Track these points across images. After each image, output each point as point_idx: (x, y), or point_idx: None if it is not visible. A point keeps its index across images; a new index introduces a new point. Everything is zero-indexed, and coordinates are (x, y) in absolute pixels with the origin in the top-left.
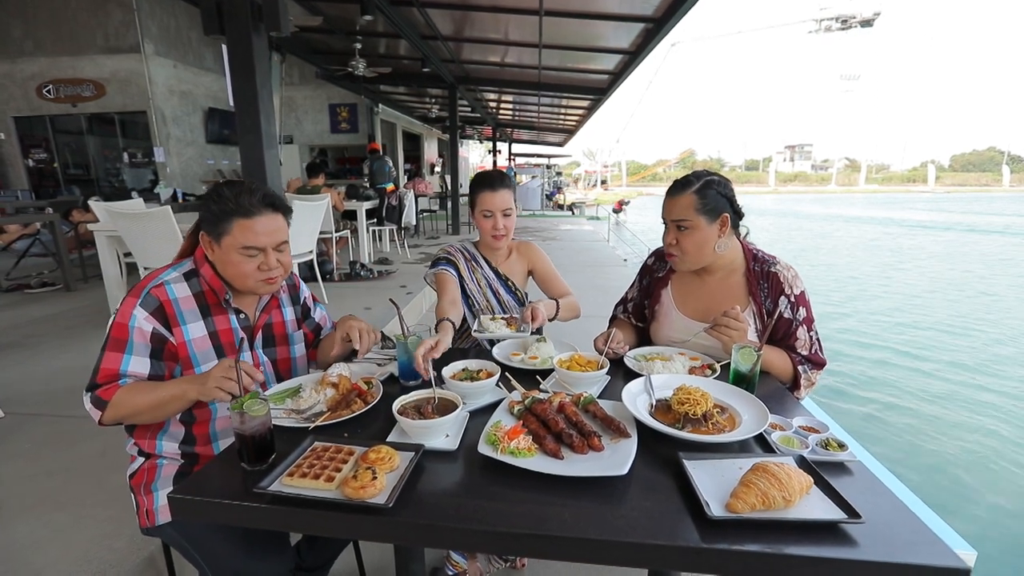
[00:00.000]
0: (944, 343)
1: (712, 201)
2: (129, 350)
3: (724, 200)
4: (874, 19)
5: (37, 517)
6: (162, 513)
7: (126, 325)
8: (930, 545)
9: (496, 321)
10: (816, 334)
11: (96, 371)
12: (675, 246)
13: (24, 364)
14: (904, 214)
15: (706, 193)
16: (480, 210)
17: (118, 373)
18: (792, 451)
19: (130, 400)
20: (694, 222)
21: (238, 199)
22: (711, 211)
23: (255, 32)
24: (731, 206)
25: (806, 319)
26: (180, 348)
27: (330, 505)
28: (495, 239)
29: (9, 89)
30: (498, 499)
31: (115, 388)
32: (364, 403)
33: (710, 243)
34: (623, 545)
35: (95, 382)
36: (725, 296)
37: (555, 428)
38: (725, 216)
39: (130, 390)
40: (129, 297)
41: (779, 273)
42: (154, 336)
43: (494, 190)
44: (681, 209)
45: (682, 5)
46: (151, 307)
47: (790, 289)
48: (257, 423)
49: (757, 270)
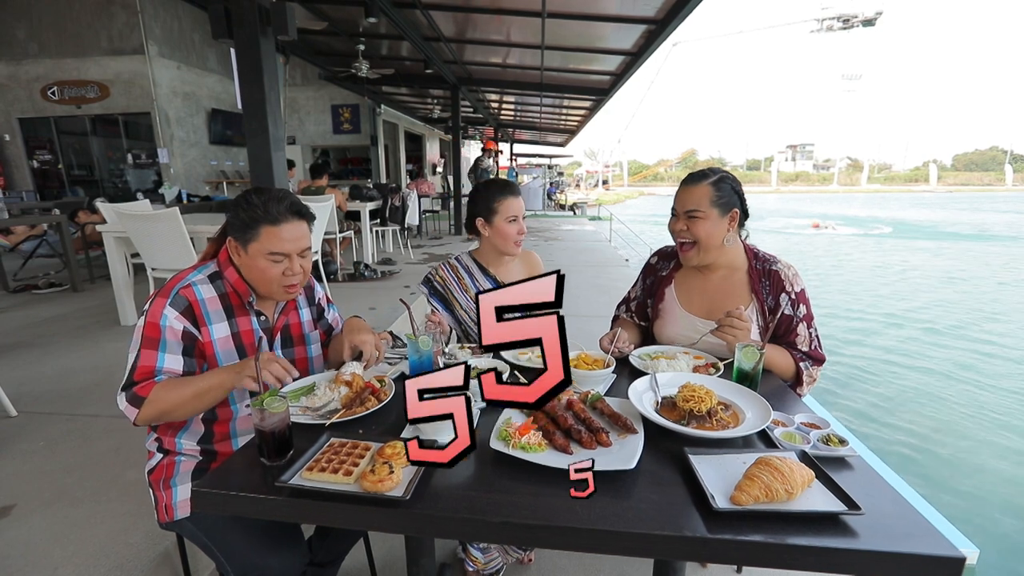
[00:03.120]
0: (949, 344)
1: (726, 195)
2: (163, 348)
3: (736, 196)
4: (876, 18)
5: (54, 513)
6: (181, 508)
7: (158, 324)
8: (927, 536)
9: (464, 350)
10: (816, 331)
11: (132, 370)
12: (686, 232)
13: (35, 364)
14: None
15: (721, 187)
16: (506, 216)
17: (154, 370)
18: (794, 446)
19: (167, 395)
20: (707, 212)
21: (266, 206)
22: (724, 204)
23: (263, 36)
24: (741, 203)
25: (806, 316)
26: (207, 347)
27: (349, 498)
28: (517, 244)
29: (14, 91)
30: (511, 492)
31: (151, 385)
32: (377, 400)
33: (719, 235)
34: (632, 536)
35: (132, 380)
36: (728, 293)
37: (564, 424)
38: (735, 211)
39: (167, 386)
40: (158, 298)
41: (780, 271)
42: (185, 334)
43: (516, 196)
44: (696, 199)
45: (684, 6)
46: (180, 307)
47: (791, 286)
48: (276, 419)
49: (759, 268)
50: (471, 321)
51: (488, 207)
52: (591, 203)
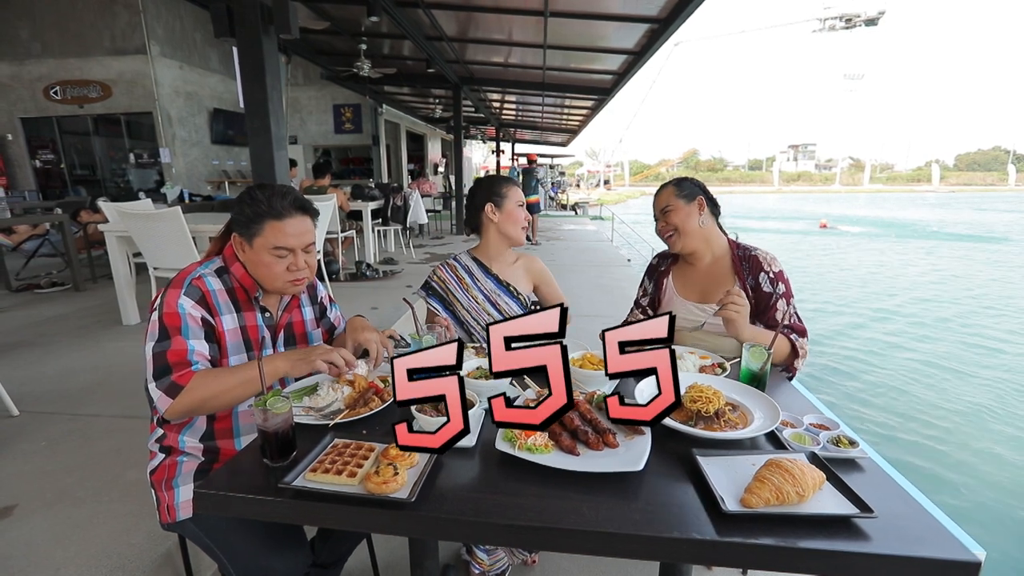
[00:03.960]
0: (959, 348)
1: (687, 189)
2: (187, 334)
3: (697, 188)
4: (878, 18)
5: (56, 513)
6: (183, 509)
7: (176, 312)
8: (941, 539)
9: (468, 350)
10: (794, 308)
11: (164, 360)
12: (667, 227)
13: (36, 363)
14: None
15: (682, 184)
16: (516, 201)
17: (187, 352)
18: (804, 448)
19: (208, 383)
20: (675, 205)
21: (271, 202)
22: (687, 195)
23: (265, 35)
24: (704, 193)
25: (785, 293)
26: (222, 336)
27: (353, 500)
28: (525, 231)
29: (17, 91)
30: (517, 494)
31: (190, 374)
32: (381, 401)
33: (692, 218)
34: (640, 538)
35: (166, 367)
36: (716, 278)
37: (570, 425)
38: (700, 198)
39: (206, 374)
40: (171, 290)
41: (758, 255)
42: (204, 321)
43: (518, 186)
44: (664, 198)
45: (687, 6)
46: (195, 296)
47: (768, 267)
48: (280, 420)
49: (740, 255)
50: (473, 320)
51: (498, 193)
52: (592, 203)
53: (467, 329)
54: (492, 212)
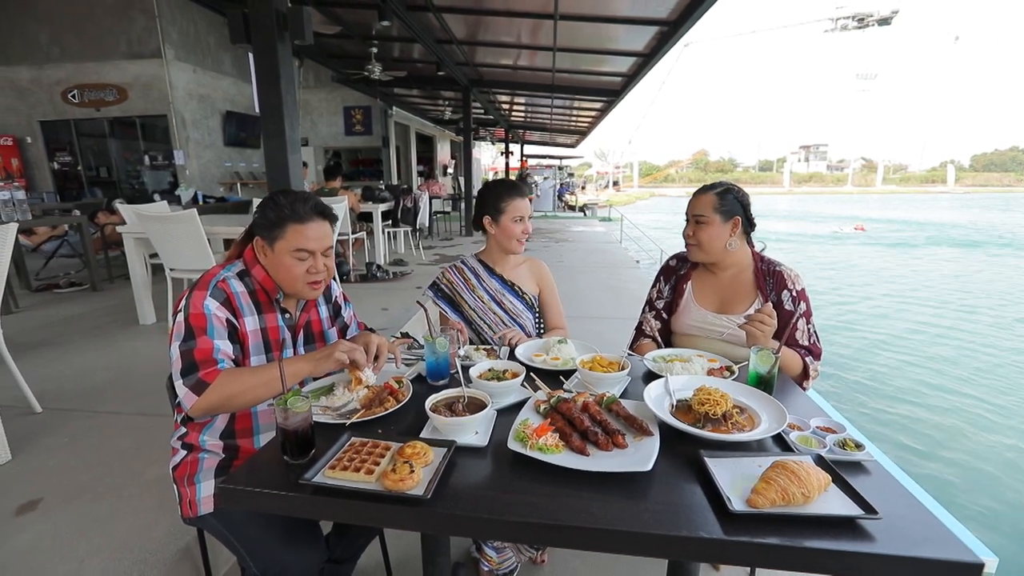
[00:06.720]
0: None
1: (728, 204)
2: (212, 334)
3: (739, 206)
4: (892, 17)
5: (78, 507)
6: (204, 504)
7: (202, 313)
8: (945, 541)
9: (478, 351)
10: (814, 327)
11: (191, 358)
12: (692, 237)
13: (56, 361)
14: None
15: (725, 197)
16: (512, 216)
17: (213, 350)
18: (810, 450)
19: (234, 381)
20: (710, 218)
21: (293, 206)
22: (726, 212)
23: (280, 40)
24: (744, 212)
25: (806, 312)
26: (244, 337)
27: (371, 496)
28: (520, 243)
29: (36, 94)
30: (529, 492)
31: (216, 372)
32: (396, 401)
33: (721, 239)
34: (649, 537)
35: (193, 365)
36: (736, 290)
37: (580, 426)
38: (737, 219)
39: (232, 373)
40: (196, 291)
41: (783, 271)
42: (228, 322)
43: (524, 197)
44: (702, 206)
45: (697, 8)
46: (220, 298)
47: (792, 285)
48: (299, 419)
49: (764, 269)
50: (480, 319)
51: (496, 206)
52: (601, 204)
53: (475, 329)
54: (489, 225)
